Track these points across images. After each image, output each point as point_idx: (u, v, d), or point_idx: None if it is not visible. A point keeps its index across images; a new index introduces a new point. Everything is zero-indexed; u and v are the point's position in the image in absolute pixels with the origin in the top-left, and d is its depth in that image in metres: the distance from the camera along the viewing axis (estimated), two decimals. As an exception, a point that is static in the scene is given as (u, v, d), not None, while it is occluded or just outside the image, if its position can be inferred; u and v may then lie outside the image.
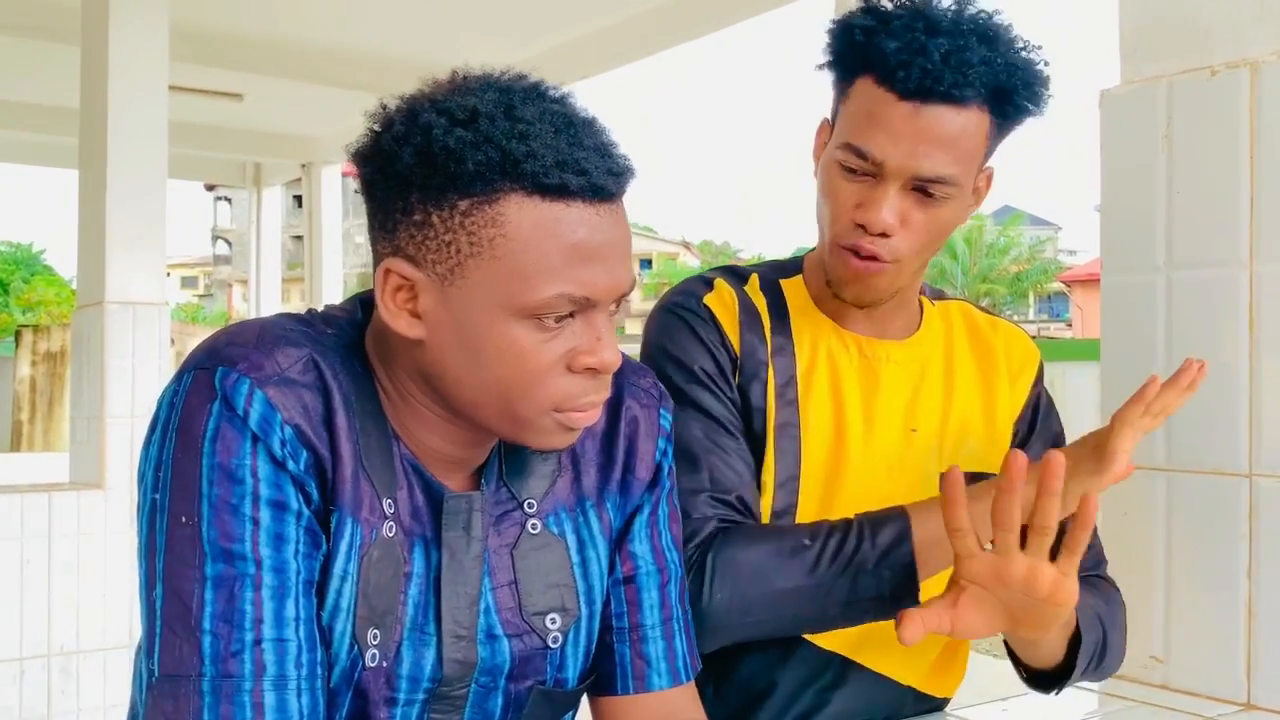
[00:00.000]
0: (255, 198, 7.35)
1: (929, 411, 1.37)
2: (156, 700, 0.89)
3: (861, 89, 1.24)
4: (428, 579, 0.99)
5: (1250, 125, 1.40)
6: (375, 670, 0.97)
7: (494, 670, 1.02)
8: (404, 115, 0.93)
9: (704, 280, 1.38)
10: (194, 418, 0.91)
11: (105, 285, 3.29)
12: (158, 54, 3.38)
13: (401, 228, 0.93)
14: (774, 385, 1.33)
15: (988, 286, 35.33)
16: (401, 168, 0.91)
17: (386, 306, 0.94)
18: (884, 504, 1.30)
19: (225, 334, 0.96)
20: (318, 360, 0.95)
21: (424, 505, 1.00)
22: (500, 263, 0.90)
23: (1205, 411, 1.44)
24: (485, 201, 0.90)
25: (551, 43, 4.94)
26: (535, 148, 0.89)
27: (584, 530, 1.07)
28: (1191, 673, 1.44)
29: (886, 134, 1.21)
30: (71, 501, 3.21)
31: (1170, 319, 1.48)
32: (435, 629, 0.99)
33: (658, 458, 1.12)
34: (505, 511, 1.04)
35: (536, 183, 0.89)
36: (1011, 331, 1.47)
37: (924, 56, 1.18)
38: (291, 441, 0.92)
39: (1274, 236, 1.38)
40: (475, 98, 0.91)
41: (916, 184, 1.22)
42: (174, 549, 0.90)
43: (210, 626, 0.88)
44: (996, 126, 1.25)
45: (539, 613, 1.04)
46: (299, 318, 1.00)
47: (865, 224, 1.24)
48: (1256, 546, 1.39)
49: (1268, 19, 1.41)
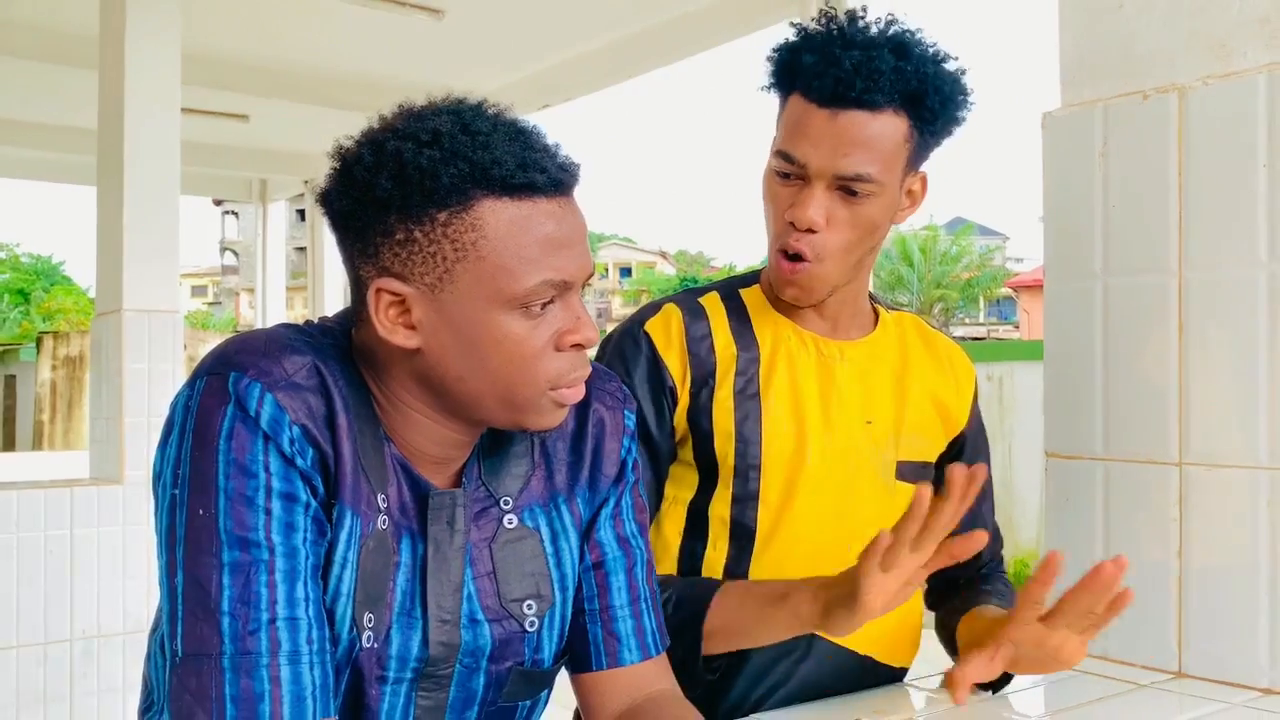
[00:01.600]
0: (261, 212, 7.32)
1: (883, 404, 1.39)
2: (181, 679, 0.90)
3: (791, 103, 1.30)
4: (414, 568, 1.01)
5: (1179, 145, 1.42)
6: (369, 651, 0.99)
7: (476, 652, 1.04)
8: (370, 148, 0.95)
9: (654, 306, 1.41)
10: (210, 419, 0.92)
11: (123, 294, 3.28)
12: (171, 78, 3.37)
13: (385, 249, 0.95)
14: (733, 383, 1.35)
15: (941, 292, 35.47)
16: (380, 193, 0.93)
17: (382, 324, 0.96)
18: (844, 490, 1.34)
19: (234, 343, 0.97)
20: (320, 367, 0.97)
21: (411, 501, 1.02)
22: (485, 262, 0.93)
23: (1139, 405, 1.46)
24: (461, 210, 0.93)
25: (538, 68, 4.95)
26: (498, 155, 0.93)
27: (557, 523, 1.10)
28: (1128, 644, 1.46)
29: (808, 139, 1.26)
30: (92, 496, 3.20)
31: (1107, 321, 1.50)
32: (422, 614, 1.01)
33: (623, 455, 1.15)
34: (484, 508, 1.06)
35: (505, 185, 0.93)
36: (954, 346, 1.51)
37: (837, 66, 1.23)
38: (299, 440, 0.93)
39: (1200, 246, 1.40)
40: (433, 121, 0.95)
41: (840, 183, 1.27)
42: (193, 539, 0.91)
43: (229, 608, 0.90)
44: (918, 131, 1.28)
45: (516, 599, 1.06)
46: (299, 328, 1.02)
47: (794, 220, 1.28)
48: (1186, 529, 1.41)
49: (1194, 48, 1.43)
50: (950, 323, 36.70)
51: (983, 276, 37.42)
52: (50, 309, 31.80)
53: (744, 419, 1.34)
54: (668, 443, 1.36)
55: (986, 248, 41.07)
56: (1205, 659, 1.39)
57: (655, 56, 4.54)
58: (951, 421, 1.46)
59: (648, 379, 1.34)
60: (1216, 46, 1.41)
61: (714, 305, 1.40)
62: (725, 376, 1.35)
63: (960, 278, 36.60)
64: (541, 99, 5.14)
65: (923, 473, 1.42)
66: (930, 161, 1.35)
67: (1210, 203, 1.39)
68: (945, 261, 36.18)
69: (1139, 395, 1.46)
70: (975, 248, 38.31)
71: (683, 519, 1.37)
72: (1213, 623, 1.39)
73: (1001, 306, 43.21)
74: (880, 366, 1.41)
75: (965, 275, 36.81)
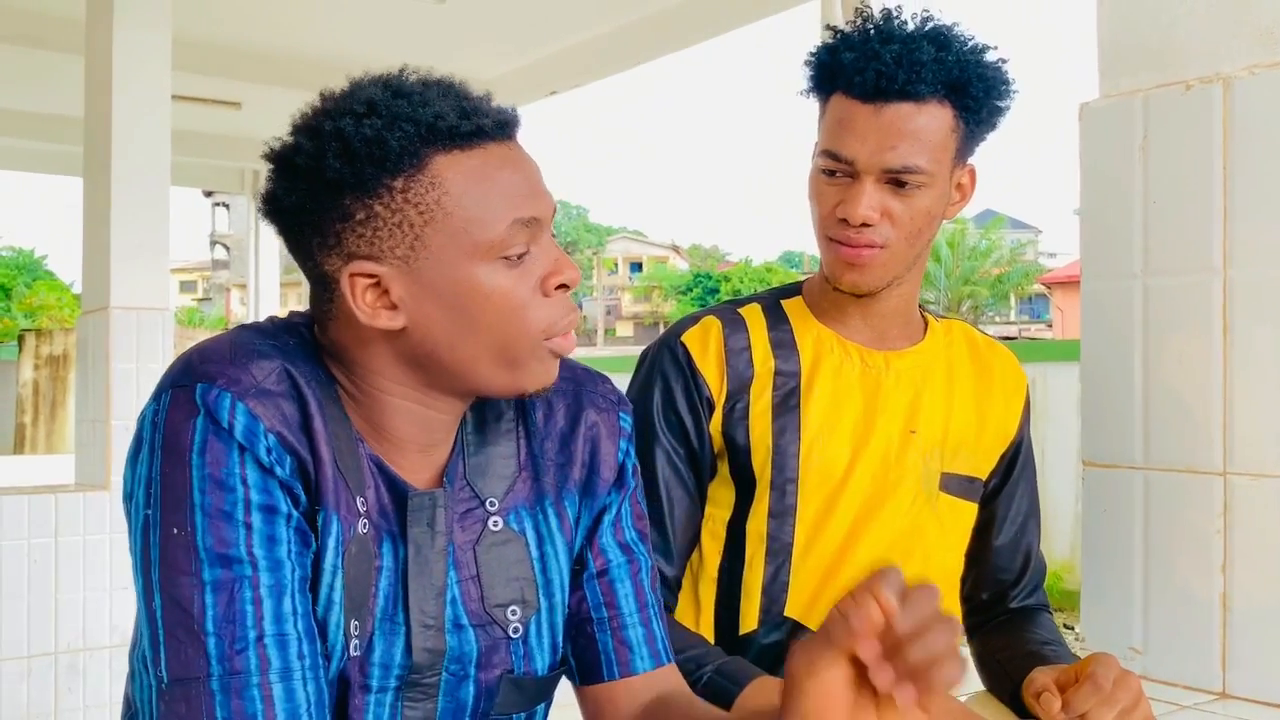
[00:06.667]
0: (253, 204, 7.34)
1: (929, 415, 1.42)
2: (170, 705, 0.90)
3: (834, 103, 1.34)
4: (396, 572, 1.02)
5: (1223, 138, 1.43)
6: (354, 660, 1.00)
7: (463, 659, 1.05)
8: (305, 135, 0.97)
9: (693, 318, 1.45)
10: (179, 433, 0.93)
11: (110, 291, 3.29)
12: (161, 64, 3.38)
13: (346, 234, 0.96)
14: (770, 395, 1.38)
15: (970, 288, 35.40)
16: (330, 175, 0.94)
17: (361, 310, 0.96)
18: (883, 502, 1.36)
19: (197, 352, 0.98)
20: (290, 370, 0.98)
21: (389, 503, 1.02)
22: (453, 218, 0.95)
23: (1181, 412, 1.46)
24: (416, 172, 0.95)
25: (542, 53, 4.96)
26: (439, 109, 0.95)
27: (543, 527, 1.10)
28: (1169, 663, 1.47)
29: (854, 135, 1.31)
30: (77, 503, 3.21)
31: (1147, 323, 1.50)
32: (404, 619, 1.02)
33: (620, 458, 1.16)
34: (469, 509, 1.07)
35: (454, 136, 0.96)
36: (1007, 355, 1.52)
37: (878, 61, 1.28)
38: (276, 449, 0.94)
39: (1247, 244, 1.41)
40: (363, 93, 0.97)
41: (889, 176, 1.31)
42: (168, 559, 0.91)
43: (214, 629, 0.90)
44: (963, 121, 1.32)
45: (500, 605, 1.07)
46: (261, 329, 1.03)
47: (847, 218, 1.32)
48: (1231, 542, 1.41)
49: (1240, 35, 1.43)
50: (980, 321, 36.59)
51: (1014, 272, 37.31)
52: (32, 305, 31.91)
53: (781, 431, 1.37)
54: (708, 455, 1.39)
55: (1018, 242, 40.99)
56: (1251, 679, 1.39)
57: (665, 42, 4.55)
58: (1001, 434, 1.47)
59: (685, 391, 1.38)
60: (1264, 34, 1.41)
61: (754, 316, 1.43)
62: (763, 389, 1.39)
63: (990, 273, 36.51)
64: (547, 85, 5.15)
65: (969, 488, 1.44)
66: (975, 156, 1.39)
67: (1256, 198, 1.39)
68: (974, 256, 36.09)
69: (1181, 401, 1.46)
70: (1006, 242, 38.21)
71: (722, 537, 1.41)
72: (1259, 641, 1.39)
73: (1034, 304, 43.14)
74: (928, 377, 1.43)
75: (995, 271, 36.71)
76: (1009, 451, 1.48)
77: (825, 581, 1.37)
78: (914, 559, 1.39)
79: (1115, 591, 1.53)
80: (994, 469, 1.47)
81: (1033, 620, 1.47)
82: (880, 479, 1.38)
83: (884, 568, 0.79)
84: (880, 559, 1.37)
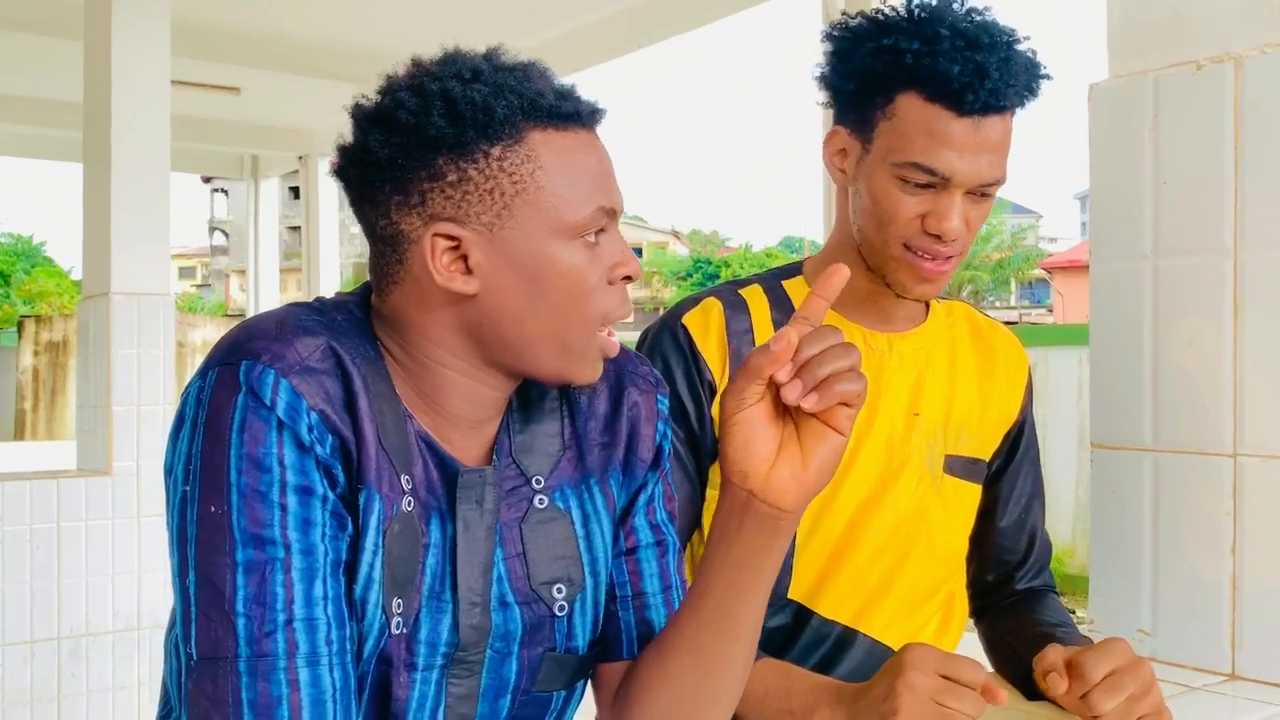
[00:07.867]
0: (253, 189, 7.32)
1: (932, 397, 1.41)
2: (197, 683, 0.91)
3: (909, 106, 1.28)
4: (444, 549, 1.02)
5: (1235, 118, 1.42)
6: (398, 637, 1.00)
7: (508, 636, 1.05)
8: (409, 92, 0.97)
9: (693, 300, 1.42)
10: (221, 411, 0.93)
11: (110, 277, 3.29)
12: (160, 49, 3.37)
13: (434, 194, 0.97)
14: None
15: (971, 273, 35.38)
16: (432, 132, 0.95)
17: (439, 271, 0.97)
18: (887, 483, 1.35)
19: (244, 329, 0.98)
20: (335, 347, 0.97)
21: (439, 480, 1.02)
22: (544, 191, 0.97)
23: (1190, 394, 1.46)
24: (514, 143, 0.97)
25: (543, 37, 4.93)
26: (539, 87, 0.98)
27: (588, 505, 1.11)
28: (1178, 645, 1.47)
29: (952, 149, 1.26)
30: (79, 488, 3.21)
31: (1157, 305, 1.49)
32: (451, 596, 1.02)
33: (658, 439, 1.16)
34: (515, 487, 1.07)
35: (552, 115, 0.98)
36: (1009, 336, 1.51)
37: (986, 78, 1.24)
38: (318, 427, 0.94)
39: (1258, 225, 1.40)
40: (467, 61, 0.99)
41: (981, 190, 1.29)
42: (204, 537, 0.92)
43: (244, 609, 0.90)
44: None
45: (545, 582, 1.07)
46: (311, 306, 1.03)
47: (940, 233, 1.29)
48: (1240, 524, 1.41)
49: (1251, 15, 1.42)
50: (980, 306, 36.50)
51: (1014, 257, 37.27)
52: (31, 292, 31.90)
53: None
54: (709, 439, 1.37)
55: (1019, 227, 40.92)
56: (1261, 660, 1.40)
57: (664, 26, 4.52)
58: (1004, 415, 1.47)
59: (685, 374, 1.37)
60: (1275, 13, 1.40)
61: (756, 298, 1.42)
62: None
63: (990, 258, 36.48)
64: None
65: (973, 469, 1.43)
66: None
67: (1268, 179, 1.39)
68: (975, 241, 36.00)
69: (1191, 383, 1.46)
70: (1006, 227, 38.16)
71: None
72: (1269, 623, 1.39)
73: (1034, 289, 43.10)
74: (930, 359, 1.43)
75: (996, 256, 36.67)
76: (1012, 431, 1.48)
77: (829, 565, 1.36)
78: (919, 542, 1.39)
79: (1124, 574, 1.53)
80: (997, 450, 1.47)
81: (1041, 602, 1.47)
82: (885, 462, 1.38)
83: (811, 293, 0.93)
84: (885, 542, 1.37)
